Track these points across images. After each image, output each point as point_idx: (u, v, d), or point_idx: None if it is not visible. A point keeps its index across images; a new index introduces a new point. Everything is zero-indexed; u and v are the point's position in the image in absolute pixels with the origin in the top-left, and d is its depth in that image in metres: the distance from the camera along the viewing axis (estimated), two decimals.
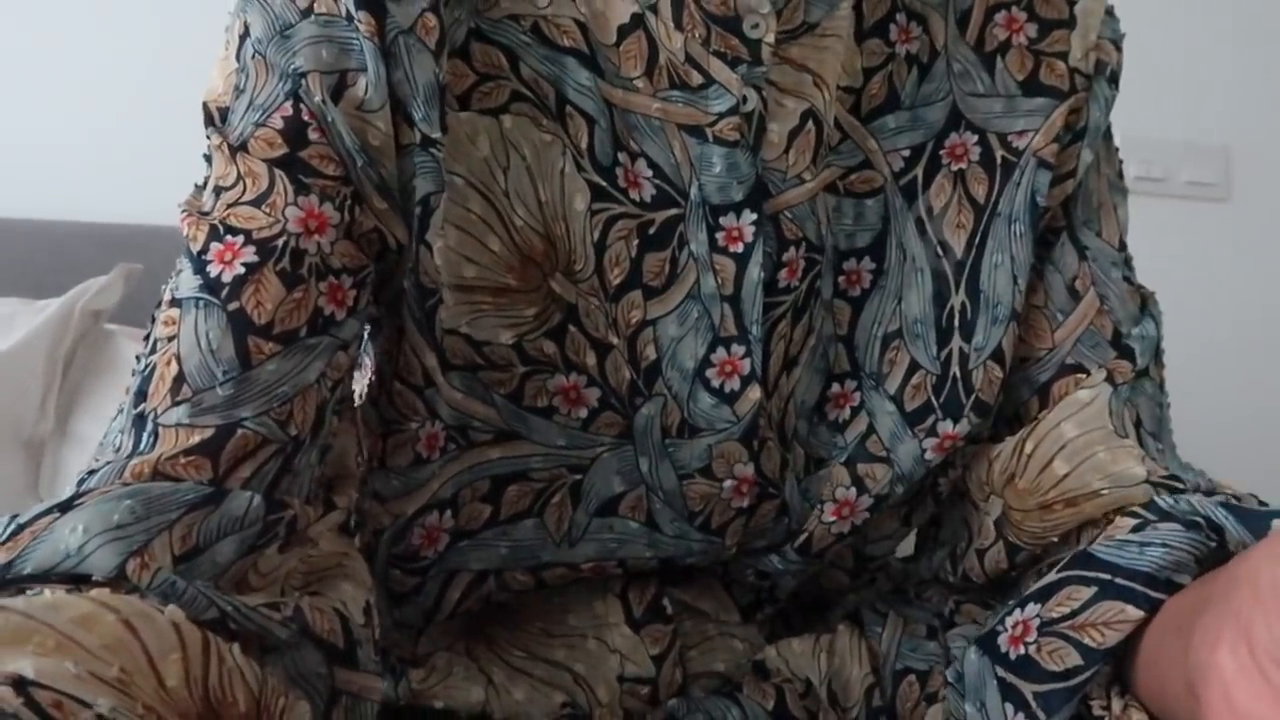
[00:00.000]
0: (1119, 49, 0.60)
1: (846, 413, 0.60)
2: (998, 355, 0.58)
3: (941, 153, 0.59)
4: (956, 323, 0.59)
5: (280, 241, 0.47)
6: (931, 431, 0.58)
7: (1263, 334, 1.61)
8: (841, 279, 0.59)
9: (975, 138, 0.59)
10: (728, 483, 0.57)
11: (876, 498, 0.58)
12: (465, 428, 0.54)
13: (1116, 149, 0.64)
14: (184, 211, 0.49)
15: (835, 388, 0.59)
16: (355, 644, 0.44)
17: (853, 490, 0.59)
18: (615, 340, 0.55)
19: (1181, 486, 0.54)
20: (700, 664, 0.61)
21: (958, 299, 0.59)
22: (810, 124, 0.55)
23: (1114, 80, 0.60)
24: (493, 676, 0.58)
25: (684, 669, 0.60)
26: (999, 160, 0.59)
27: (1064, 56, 0.59)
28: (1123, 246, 0.61)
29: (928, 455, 0.58)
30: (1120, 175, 0.64)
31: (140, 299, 1.39)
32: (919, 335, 0.59)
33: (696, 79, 0.54)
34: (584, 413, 0.55)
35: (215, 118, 0.50)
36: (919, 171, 0.59)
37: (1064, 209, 0.60)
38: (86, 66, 1.61)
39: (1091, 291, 0.59)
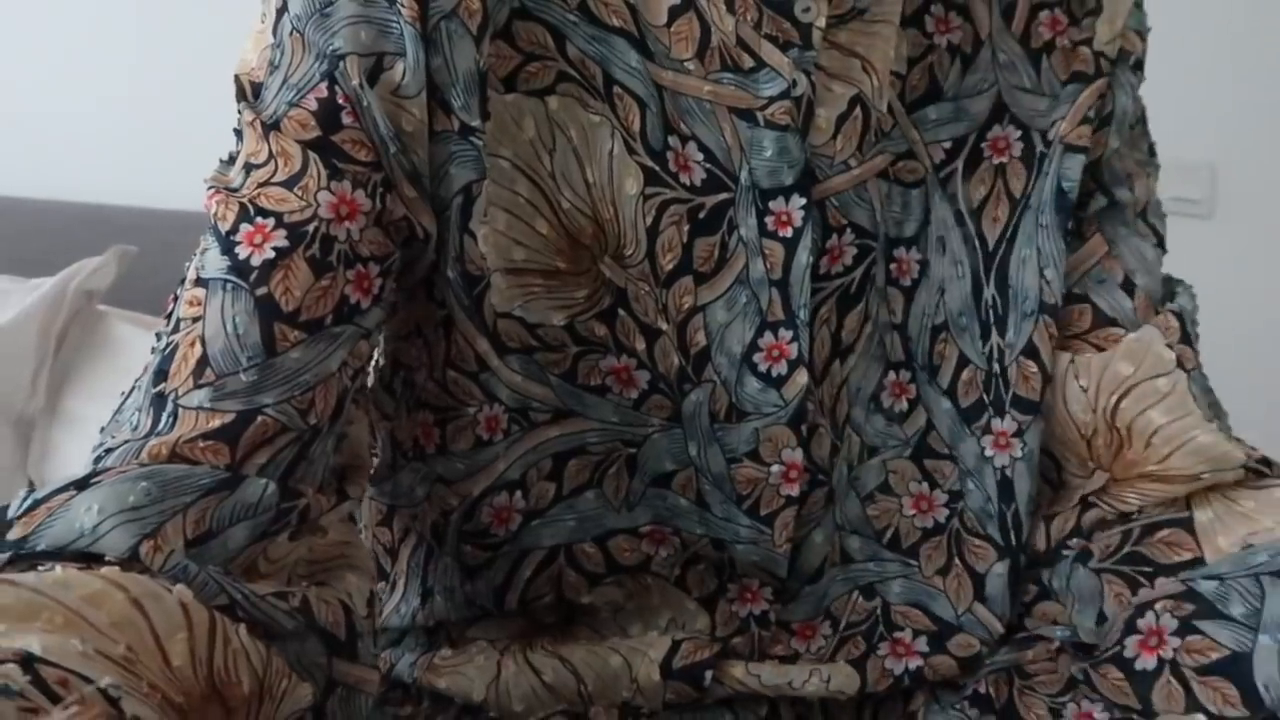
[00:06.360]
0: (1144, 39, 0.60)
1: (904, 404, 0.60)
2: (1030, 351, 0.57)
3: (984, 145, 0.59)
4: (991, 318, 0.59)
5: (311, 227, 0.46)
6: (987, 429, 0.58)
7: (1245, 350, 1.62)
8: (893, 266, 0.59)
9: (1019, 132, 0.58)
10: (775, 467, 0.56)
11: (950, 493, 0.59)
12: (526, 409, 0.55)
13: (1148, 132, 0.63)
14: (210, 187, 0.48)
15: (891, 376, 0.59)
16: (357, 636, 0.44)
17: (925, 485, 0.59)
18: (665, 326, 0.54)
19: (1268, 471, 0.55)
20: None
21: (989, 292, 0.59)
22: (858, 110, 0.55)
23: (1139, 67, 0.59)
24: (504, 670, 0.57)
25: None
26: (1038, 155, 0.58)
27: (1089, 42, 0.58)
28: (1145, 210, 0.61)
29: (988, 453, 0.58)
30: (1151, 153, 0.63)
31: (133, 281, 1.39)
32: (964, 328, 0.59)
33: (748, 62, 0.53)
34: (635, 394, 0.55)
35: (247, 92, 0.50)
36: (959, 164, 0.58)
37: (1088, 172, 0.59)
38: (85, 47, 1.61)
39: (1098, 235, 0.59)
